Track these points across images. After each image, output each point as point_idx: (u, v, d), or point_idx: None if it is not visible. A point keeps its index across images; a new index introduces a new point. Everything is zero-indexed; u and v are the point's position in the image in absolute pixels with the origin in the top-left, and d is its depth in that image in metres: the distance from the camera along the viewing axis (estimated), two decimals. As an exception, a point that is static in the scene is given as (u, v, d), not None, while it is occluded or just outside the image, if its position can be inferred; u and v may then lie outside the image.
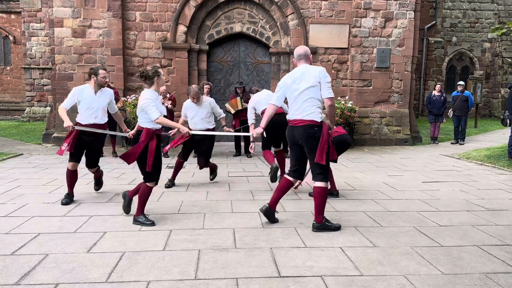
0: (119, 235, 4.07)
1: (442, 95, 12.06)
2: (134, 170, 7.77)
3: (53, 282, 3.04)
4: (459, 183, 6.74)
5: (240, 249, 3.73)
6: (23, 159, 8.92)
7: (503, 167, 8.07)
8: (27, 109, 18.53)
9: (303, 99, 4.15)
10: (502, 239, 4.04)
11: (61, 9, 10.81)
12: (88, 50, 10.99)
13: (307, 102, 4.13)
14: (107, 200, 5.49)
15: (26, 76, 18.30)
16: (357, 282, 3.08)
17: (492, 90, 20.40)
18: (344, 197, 5.72)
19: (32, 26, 17.81)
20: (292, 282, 3.07)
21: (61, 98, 11.05)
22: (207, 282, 3.06)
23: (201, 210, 5.00)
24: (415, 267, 3.35)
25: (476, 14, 20.23)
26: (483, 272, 3.27)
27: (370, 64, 11.51)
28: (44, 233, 4.11)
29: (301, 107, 4.15)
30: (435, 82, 19.02)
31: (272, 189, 6.24)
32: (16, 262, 3.39)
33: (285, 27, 11.63)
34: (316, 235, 4.10)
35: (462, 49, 20.36)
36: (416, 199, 5.63)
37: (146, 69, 4.41)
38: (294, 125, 4.21)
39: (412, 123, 12.06)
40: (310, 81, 4.13)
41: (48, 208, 5.03)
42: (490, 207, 5.26)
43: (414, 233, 4.20)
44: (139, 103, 4.42)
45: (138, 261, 3.43)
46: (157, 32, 11.26)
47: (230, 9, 11.69)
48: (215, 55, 12.08)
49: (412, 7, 11.39)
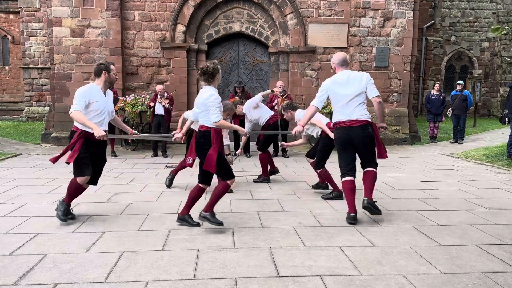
0: (117, 235, 4.07)
1: (441, 94, 12.06)
2: (132, 170, 7.77)
3: (52, 282, 3.03)
4: (458, 182, 6.75)
5: (239, 248, 3.72)
6: (21, 159, 8.91)
7: (502, 166, 8.07)
8: (26, 109, 18.50)
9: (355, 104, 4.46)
10: (501, 238, 4.04)
11: (59, 9, 10.80)
12: (87, 49, 10.98)
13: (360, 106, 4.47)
14: (106, 200, 5.49)
15: (25, 76, 18.28)
16: (356, 281, 3.07)
17: (491, 89, 20.41)
18: (344, 197, 5.71)
19: (30, 25, 17.79)
20: (291, 281, 3.06)
21: (60, 98, 11.07)
22: (206, 282, 3.05)
23: (200, 210, 4.98)
24: (414, 267, 3.34)
25: (475, 13, 20.23)
26: (482, 271, 3.27)
27: (369, 64, 11.51)
28: (42, 233, 4.10)
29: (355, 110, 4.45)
30: (434, 82, 19.01)
31: (270, 188, 6.24)
32: (15, 262, 3.38)
33: (284, 27, 11.63)
34: (315, 235, 4.10)
35: (461, 48, 20.35)
36: (415, 199, 5.63)
37: (208, 66, 4.15)
38: (349, 125, 4.44)
39: (411, 123, 12.06)
40: (359, 87, 4.45)
41: (46, 208, 5.02)
42: (489, 206, 5.26)
43: (413, 233, 4.20)
44: (202, 101, 4.07)
45: (137, 261, 3.42)
46: (156, 32, 11.25)
47: (229, 9, 11.68)
48: (214, 54, 12.07)
49: (411, 6, 11.40)
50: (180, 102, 11.21)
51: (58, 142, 10.97)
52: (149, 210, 4.95)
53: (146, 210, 4.95)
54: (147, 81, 11.36)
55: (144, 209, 5.00)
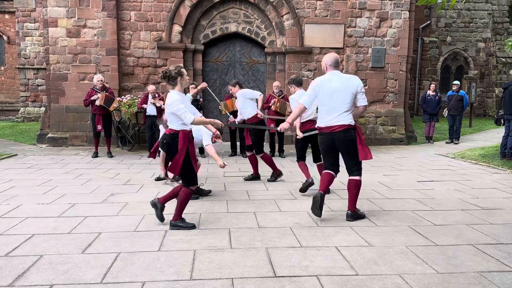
0: (114, 236, 4.06)
1: (437, 94, 12.11)
2: (129, 170, 7.75)
3: (48, 284, 3.02)
4: (454, 182, 6.77)
5: (235, 249, 3.72)
6: (17, 159, 8.87)
7: (497, 166, 8.11)
8: (22, 110, 18.41)
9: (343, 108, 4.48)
10: (497, 238, 4.06)
11: (55, 9, 10.76)
12: (83, 50, 10.94)
13: (346, 110, 4.48)
14: (102, 200, 5.47)
15: (21, 76, 18.18)
16: (352, 281, 3.08)
17: (487, 89, 20.50)
18: (340, 196, 5.72)
19: (26, 26, 17.71)
20: (287, 282, 3.07)
21: (55, 98, 11.02)
22: (203, 282, 3.05)
23: (196, 210, 4.98)
24: (410, 266, 3.35)
25: (471, 14, 20.32)
26: (478, 271, 3.28)
27: (365, 64, 11.54)
28: (38, 234, 4.09)
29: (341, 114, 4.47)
30: (430, 82, 19.09)
31: (267, 188, 6.25)
32: (10, 264, 3.37)
33: (280, 27, 11.64)
34: (311, 235, 4.11)
35: (457, 48, 20.44)
36: (411, 199, 5.65)
37: (169, 70, 4.21)
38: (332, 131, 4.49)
39: (407, 123, 12.10)
40: (350, 91, 4.47)
41: (42, 209, 5.00)
42: (484, 206, 5.28)
43: (409, 232, 4.21)
44: (168, 106, 4.15)
45: (133, 262, 3.41)
46: (152, 32, 11.23)
47: (225, 9, 11.68)
48: (211, 55, 12.06)
49: (407, 7, 11.42)
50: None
51: (54, 142, 10.93)
52: (145, 210, 4.94)
53: (142, 211, 4.94)
54: (144, 81, 11.34)
55: (140, 210, 5.00)
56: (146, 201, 5.44)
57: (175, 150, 4.20)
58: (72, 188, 6.17)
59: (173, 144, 4.23)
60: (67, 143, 10.99)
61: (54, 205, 5.20)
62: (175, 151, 4.19)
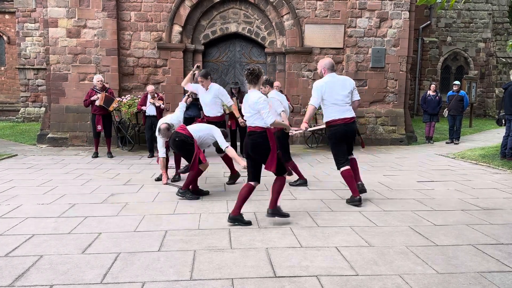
0: (114, 236, 4.06)
1: (437, 94, 12.10)
2: (129, 170, 7.75)
3: (48, 284, 3.02)
4: (454, 182, 6.77)
5: (235, 249, 3.72)
6: (17, 160, 8.87)
7: (497, 166, 8.11)
8: (22, 110, 18.41)
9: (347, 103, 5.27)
10: (497, 238, 4.05)
11: (55, 9, 10.76)
12: (83, 50, 10.94)
13: (349, 105, 5.29)
14: (102, 201, 5.47)
15: (21, 76, 18.19)
16: (352, 281, 3.08)
17: (487, 90, 20.50)
18: (340, 197, 5.72)
19: (26, 26, 17.70)
20: (287, 282, 3.07)
21: (55, 99, 11.02)
22: (203, 282, 3.05)
23: (196, 211, 4.98)
24: (410, 267, 3.35)
25: (471, 14, 20.32)
26: (478, 271, 3.28)
27: (365, 64, 11.53)
28: (38, 234, 4.09)
29: (348, 108, 5.25)
30: (430, 82, 19.09)
31: (267, 189, 6.24)
32: (10, 264, 3.37)
33: (280, 27, 11.63)
34: (311, 235, 4.11)
35: (457, 49, 20.44)
36: (411, 199, 5.65)
37: (257, 67, 4.24)
38: (345, 122, 5.18)
39: (407, 123, 12.09)
40: (349, 89, 5.27)
41: (42, 209, 5.00)
42: (484, 206, 5.28)
43: (409, 233, 4.21)
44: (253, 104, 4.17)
45: (133, 262, 3.41)
46: (152, 32, 11.23)
47: (226, 9, 11.67)
48: (211, 55, 12.06)
49: (407, 7, 11.42)
50: (177, 103, 11.14)
51: (54, 143, 10.93)
52: (145, 211, 4.94)
53: (142, 211, 4.94)
54: (144, 81, 11.33)
55: (140, 210, 5.00)
56: (146, 201, 5.45)
57: (267, 147, 4.25)
58: (72, 188, 6.17)
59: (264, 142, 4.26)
60: (67, 143, 10.99)
61: (54, 205, 5.20)
62: (268, 148, 4.25)
